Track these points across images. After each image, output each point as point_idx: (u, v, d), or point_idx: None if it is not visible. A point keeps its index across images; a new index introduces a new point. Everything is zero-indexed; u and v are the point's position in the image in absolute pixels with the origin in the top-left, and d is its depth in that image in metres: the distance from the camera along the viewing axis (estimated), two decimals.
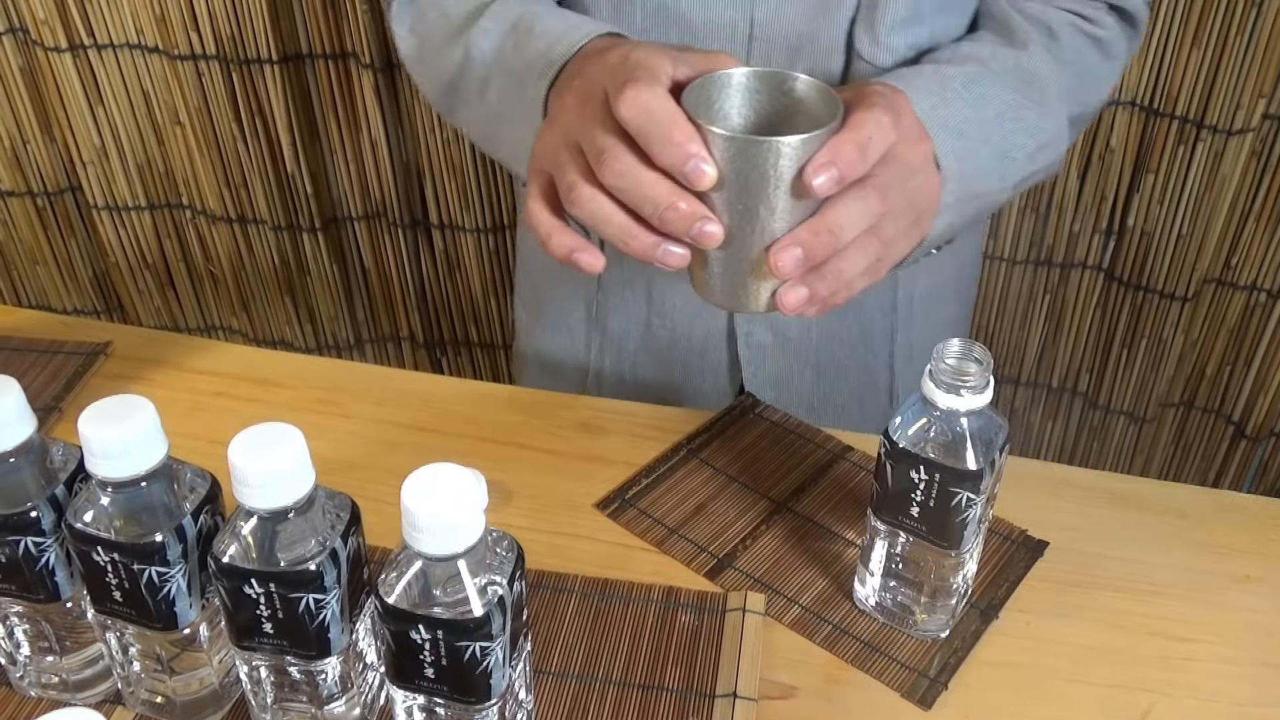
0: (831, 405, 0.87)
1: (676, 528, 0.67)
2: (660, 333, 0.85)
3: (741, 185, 0.51)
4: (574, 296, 0.88)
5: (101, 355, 0.80)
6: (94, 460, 0.47)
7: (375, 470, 0.65)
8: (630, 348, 0.87)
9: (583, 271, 0.57)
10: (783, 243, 0.52)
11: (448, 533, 0.44)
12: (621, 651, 0.59)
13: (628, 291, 0.84)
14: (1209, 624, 0.62)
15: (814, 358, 0.84)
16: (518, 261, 0.95)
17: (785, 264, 0.52)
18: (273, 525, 0.47)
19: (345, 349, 1.53)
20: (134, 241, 1.46)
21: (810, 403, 0.86)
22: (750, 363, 0.83)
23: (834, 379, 0.86)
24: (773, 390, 0.84)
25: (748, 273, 0.54)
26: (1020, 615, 0.62)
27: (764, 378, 0.84)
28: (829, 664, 0.60)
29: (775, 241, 0.53)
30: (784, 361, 0.84)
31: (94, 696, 0.56)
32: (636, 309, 0.85)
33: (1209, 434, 1.40)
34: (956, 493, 0.54)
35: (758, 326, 0.82)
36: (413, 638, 0.46)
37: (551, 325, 0.91)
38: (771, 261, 0.52)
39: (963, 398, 0.53)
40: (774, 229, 0.53)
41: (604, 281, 0.85)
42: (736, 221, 0.52)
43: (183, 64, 1.27)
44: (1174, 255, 1.26)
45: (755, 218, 0.52)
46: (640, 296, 0.84)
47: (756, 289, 0.55)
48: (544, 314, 0.91)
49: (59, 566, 0.51)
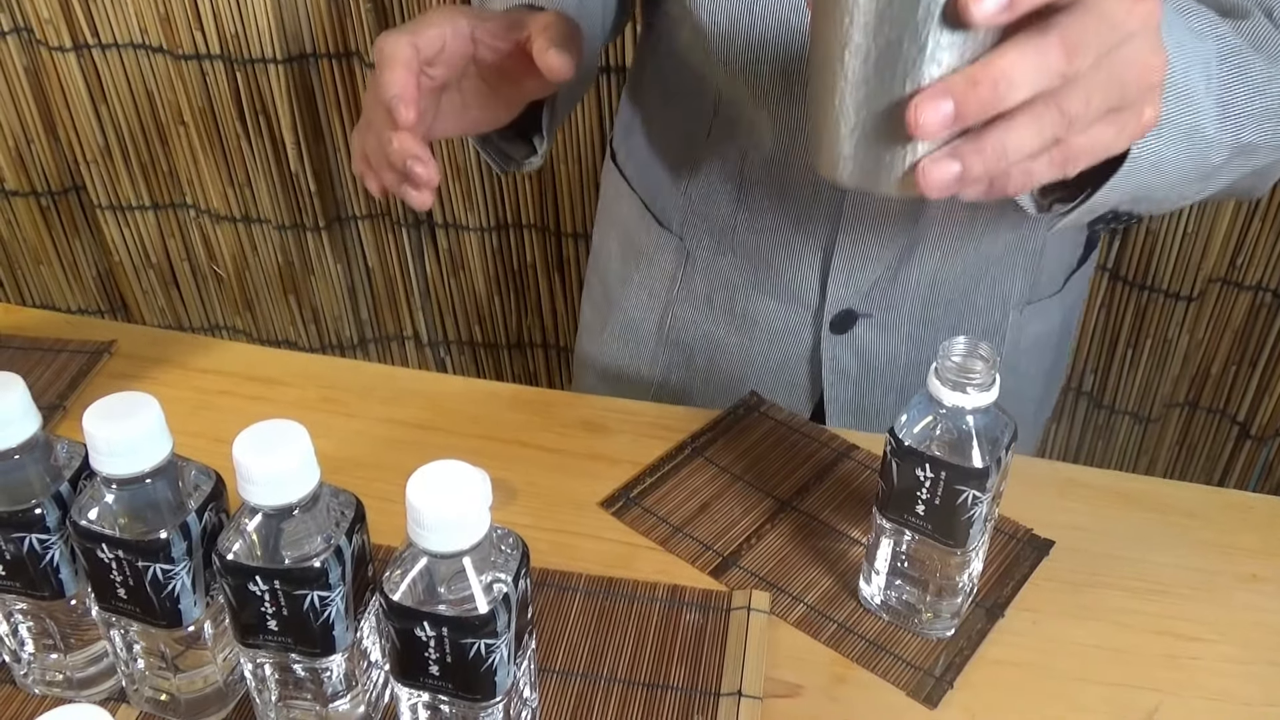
0: None
1: (681, 526, 0.67)
2: (735, 350, 0.82)
3: (884, 7, 0.40)
4: (648, 305, 0.85)
5: (106, 354, 0.80)
6: (99, 457, 0.47)
7: (379, 469, 0.65)
8: (700, 363, 0.85)
9: (415, 182, 0.57)
10: (930, 91, 0.41)
11: (453, 530, 0.44)
12: (626, 650, 0.59)
13: (705, 305, 0.82)
14: (1216, 623, 0.62)
15: (900, 386, 0.81)
16: (591, 263, 0.93)
17: (929, 119, 0.41)
18: (277, 522, 0.47)
19: (349, 348, 1.53)
20: (138, 241, 1.47)
21: None
22: (833, 390, 0.80)
23: None
24: (856, 419, 0.82)
25: (887, 133, 0.42)
26: (1026, 614, 0.62)
27: (845, 406, 0.81)
28: (834, 663, 0.59)
29: (921, 90, 0.41)
30: (869, 390, 0.81)
31: (98, 694, 0.56)
32: (713, 323, 0.82)
33: (1214, 434, 1.40)
34: (962, 491, 0.54)
35: (844, 351, 0.79)
36: (418, 635, 0.46)
37: (620, 331, 0.88)
38: (912, 116, 0.41)
39: (969, 395, 0.53)
40: (923, 73, 0.41)
41: (680, 293, 0.83)
42: (876, 59, 0.41)
43: (187, 63, 1.28)
44: (1179, 255, 1.25)
45: (899, 54, 0.41)
46: (720, 311, 0.81)
47: (897, 156, 0.43)
48: (612, 318, 0.89)
49: (63, 564, 0.51)
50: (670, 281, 0.83)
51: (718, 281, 0.81)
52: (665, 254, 0.83)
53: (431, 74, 0.58)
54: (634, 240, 0.85)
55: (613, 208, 0.88)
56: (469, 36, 0.58)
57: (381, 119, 0.56)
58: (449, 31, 0.57)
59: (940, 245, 0.75)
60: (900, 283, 0.77)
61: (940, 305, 0.79)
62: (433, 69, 0.58)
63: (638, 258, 0.85)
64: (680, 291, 0.83)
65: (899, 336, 0.80)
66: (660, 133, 0.81)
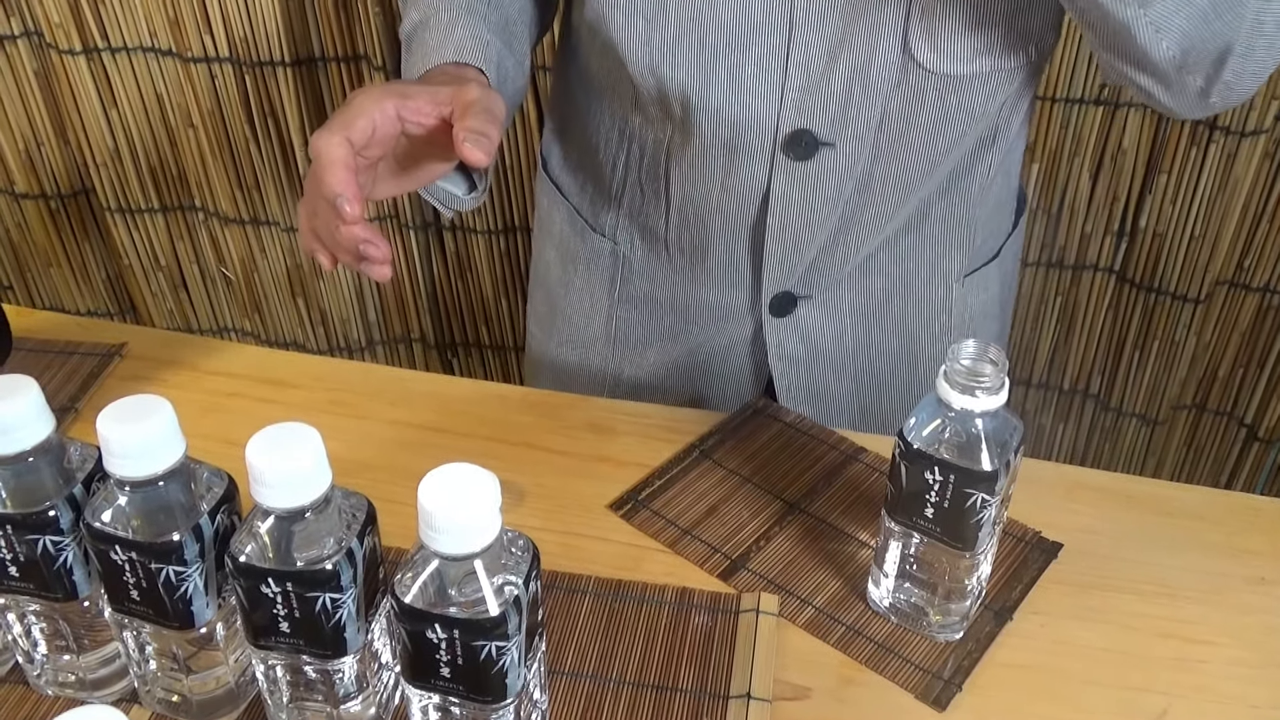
0: (875, 417, 0.86)
1: (689, 529, 0.67)
2: (681, 342, 0.85)
3: None
4: (591, 309, 0.87)
5: (117, 356, 0.80)
6: (112, 459, 0.47)
7: (388, 471, 0.65)
8: (650, 358, 0.87)
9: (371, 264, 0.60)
10: None
11: (465, 533, 0.44)
12: (635, 652, 0.59)
13: (646, 304, 0.84)
14: (1224, 626, 0.62)
15: (851, 369, 0.84)
16: (532, 274, 0.95)
17: None
18: (290, 525, 0.47)
19: (356, 350, 1.53)
20: (147, 244, 1.47)
21: (852, 416, 0.86)
22: (784, 376, 0.83)
23: (874, 391, 0.86)
24: (810, 404, 0.84)
25: None
26: (1035, 617, 0.62)
27: (799, 391, 0.84)
28: (843, 665, 0.59)
29: None
30: (819, 374, 0.83)
31: (110, 695, 0.56)
32: (657, 319, 0.85)
33: (1221, 436, 1.39)
34: (971, 494, 0.54)
35: (788, 338, 0.82)
36: (429, 637, 0.46)
37: (568, 337, 0.90)
38: None
39: (978, 399, 0.53)
40: None
41: (620, 295, 0.85)
42: None
43: (196, 67, 1.28)
44: (1186, 257, 1.25)
45: None
46: (663, 307, 0.84)
47: None
48: (557, 325, 0.91)
49: (77, 565, 0.52)
50: (610, 285, 0.85)
51: (656, 280, 0.83)
52: (601, 259, 0.85)
53: (366, 155, 0.61)
54: (570, 248, 0.87)
55: (547, 217, 0.90)
56: (395, 118, 0.61)
57: (326, 210, 0.59)
58: (377, 118, 0.60)
59: (874, 222, 0.76)
60: (838, 262, 0.78)
61: (881, 283, 0.81)
62: (367, 151, 0.61)
63: (575, 264, 0.87)
64: (620, 293, 0.85)
65: (843, 318, 0.81)
66: (583, 139, 0.82)
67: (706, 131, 0.72)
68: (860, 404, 0.86)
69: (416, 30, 0.71)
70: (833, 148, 0.71)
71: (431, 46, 0.69)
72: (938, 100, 0.70)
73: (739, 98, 0.70)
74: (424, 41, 0.70)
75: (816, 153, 0.71)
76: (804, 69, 0.69)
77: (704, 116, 0.71)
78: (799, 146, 0.71)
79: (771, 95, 0.70)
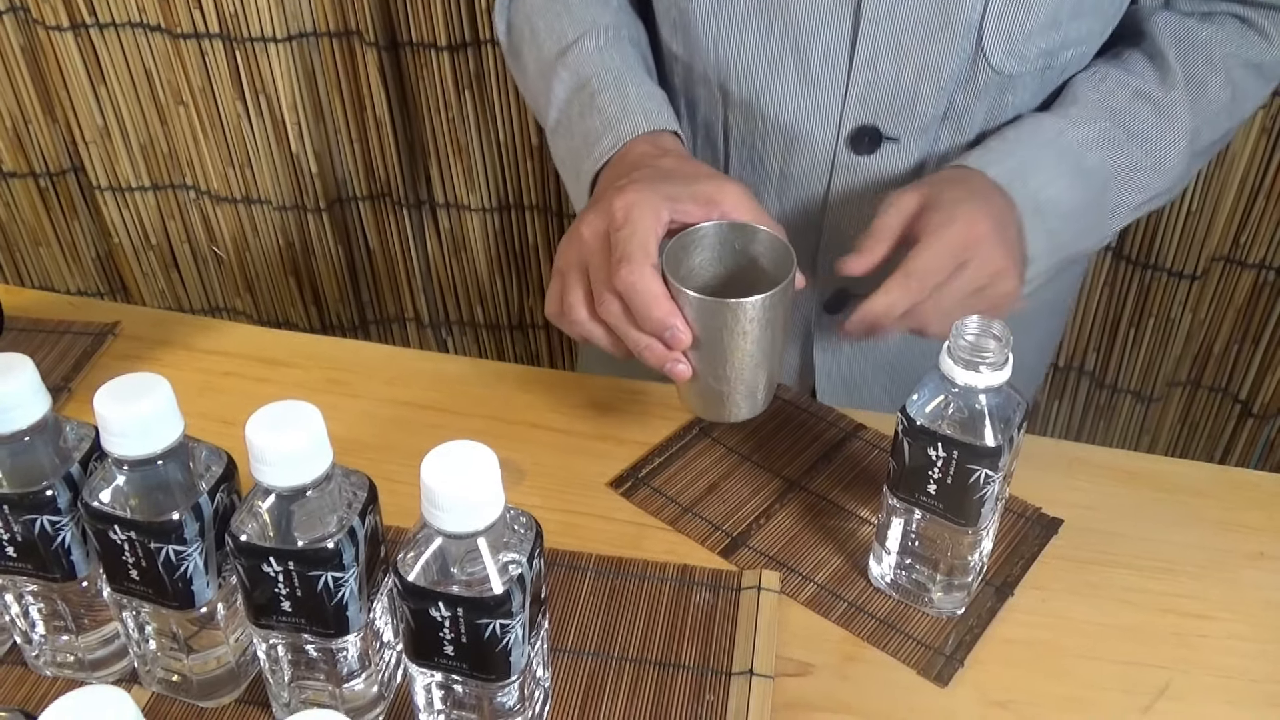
0: None
1: (690, 506, 0.67)
2: None
3: (709, 332, 0.60)
4: None
5: (110, 335, 0.79)
6: (110, 438, 0.47)
7: (387, 449, 0.65)
8: None
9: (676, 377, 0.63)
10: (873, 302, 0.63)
11: (468, 511, 0.44)
12: (637, 629, 0.59)
13: None
14: (1223, 601, 0.62)
15: (888, 361, 0.84)
16: None
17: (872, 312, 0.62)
18: (290, 503, 0.47)
19: (350, 330, 1.52)
20: (137, 222, 1.46)
21: (882, 407, 0.85)
22: (824, 364, 0.83)
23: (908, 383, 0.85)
24: (844, 394, 0.84)
25: (722, 394, 0.63)
26: (1036, 593, 0.62)
27: (836, 380, 0.84)
28: (845, 641, 0.59)
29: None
30: (858, 366, 0.83)
31: (110, 675, 0.56)
32: None
33: (1216, 413, 1.40)
34: (974, 470, 0.54)
35: (837, 332, 0.81)
36: (432, 615, 0.46)
37: None
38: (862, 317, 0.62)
39: (981, 374, 0.53)
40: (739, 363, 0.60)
41: None
42: (708, 355, 0.61)
43: (186, 42, 1.27)
44: (1182, 233, 1.25)
45: (722, 355, 0.60)
46: None
47: (731, 405, 0.63)
48: None
49: (75, 545, 0.51)
50: None
51: None
52: None
53: None
54: None
55: None
56: (668, 223, 0.62)
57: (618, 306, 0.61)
58: (663, 231, 0.61)
59: None
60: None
61: None
62: None
63: None
64: None
65: None
66: None
67: (768, 119, 0.72)
68: (893, 396, 0.85)
69: (577, 94, 0.71)
70: (896, 142, 0.72)
71: (611, 116, 0.69)
72: (997, 96, 0.71)
73: (804, 88, 0.70)
74: (600, 109, 0.70)
75: (880, 147, 0.72)
76: (871, 63, 0.69)
77: (767, 103, 0.71)
78: (863, 141, 0.71)
79: (837, 87, 0.70)
